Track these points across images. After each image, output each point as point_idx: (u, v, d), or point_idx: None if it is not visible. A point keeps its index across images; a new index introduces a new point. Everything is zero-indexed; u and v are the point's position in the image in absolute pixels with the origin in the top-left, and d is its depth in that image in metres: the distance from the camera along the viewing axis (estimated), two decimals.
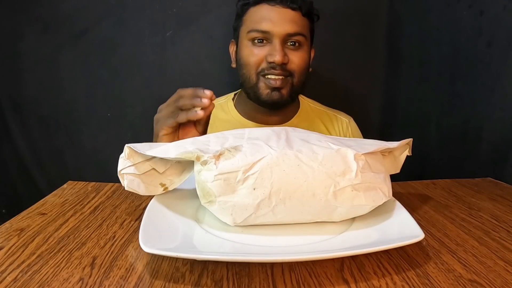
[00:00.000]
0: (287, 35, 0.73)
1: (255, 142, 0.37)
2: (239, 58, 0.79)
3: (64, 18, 0.98)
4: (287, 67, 0.74)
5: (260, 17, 0.74)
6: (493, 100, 0.70)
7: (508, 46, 0.66)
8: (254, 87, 0.77)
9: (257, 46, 0.75)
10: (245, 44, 0.76)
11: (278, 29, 0.73)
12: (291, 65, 0.75)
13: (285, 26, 0.73)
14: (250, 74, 0.76)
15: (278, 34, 0.73)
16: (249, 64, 0.75)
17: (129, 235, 0.38)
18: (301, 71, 0.76)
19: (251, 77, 0.76)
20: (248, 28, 0.76)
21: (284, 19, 0.73)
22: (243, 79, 0.78)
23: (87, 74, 1.01)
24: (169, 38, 1.01)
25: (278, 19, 0.73)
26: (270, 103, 0.77)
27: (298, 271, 0.32)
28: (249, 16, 0.77)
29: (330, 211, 0.37)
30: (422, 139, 0.92)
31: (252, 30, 0.74)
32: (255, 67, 0.75)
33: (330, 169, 0.35)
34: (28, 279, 0.31)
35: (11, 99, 1.02)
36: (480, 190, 0.54)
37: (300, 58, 0.76)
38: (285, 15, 0.73)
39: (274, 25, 0.73)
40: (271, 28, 0.73)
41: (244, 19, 0.78)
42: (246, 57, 0.76)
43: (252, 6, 0.76)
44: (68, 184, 0.53)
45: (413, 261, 0.34)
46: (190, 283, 0.31)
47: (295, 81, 0.76)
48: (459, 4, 0.79)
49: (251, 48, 0.75)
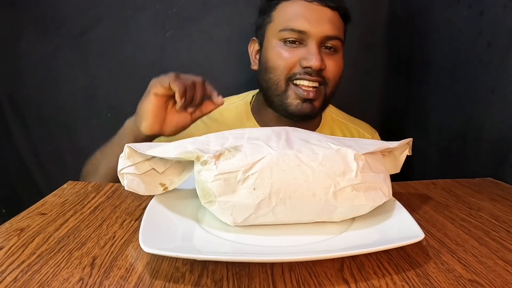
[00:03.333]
0: (325, 37, 0.64)
1: (255, 142, 0.37)
2: (264, 60, 0.69)
3: (64, 18, 0.98)
4: (322, 74, 0.66)
5: (294, 14, 0.65)
6: (493, 100, 0.70)
7: (508, 46, 0.66)
8: (281, 96, 0.67)
9: (289, 48, 0.65)
10: (274, 44, 0.67)
11: (316, 30, 0.63)
12: (327, 73, 0.66)
13: (324, 27, 0.64)
14: (278, 80, 0.66)
15: (316, 36, 0.64)
16: (279, 68, 0.66)
17: (129, 235, 0.38)
18: (336, 80, 0.68)
19: (279, 83, 0.67)
20: (279, 26, 0.66)
21: (322, 19, 0.64)
22: (269, 85, 0.68)
23: (87, 74, 1.01)
24: (169, 38, 1.01)
25: (316, 18, 0.64)
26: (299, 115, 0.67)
27: (298, 271, 0.32)
28: (280, 12, 0.67)
29: (330, 211, 0.37)
30: (422, 139, 0.92)
31: (285, 29, 0.65)
32: (286, 72, 0.66)
33: (330, 169, 0.35)
34: (28, 279, 0.31)
35: (11, 99, 1.02)
36: (480, 190, 0.54)
37: (337, 65, 0.67)
38: (324, 15, 0.65)
39: (312, 24, 0.63)
40: (308, 28, 0.63)
41: (273, 15, 0.68)
42: (275, 59, 0.66)
43: (285, 1, 0.67)
44: (68, 184, 0.53)
45: (413, 261, 0.34)
46: (190, 283, 0.31)
47: (328, 91, 0.68)
48: (459, 4, 0.79)
49: (281, 49, 0.66)
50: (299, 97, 0.66)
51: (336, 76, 0.68)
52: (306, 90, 0.65)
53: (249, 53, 0.75)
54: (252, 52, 0.75)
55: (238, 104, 0.78)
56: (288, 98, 0.67)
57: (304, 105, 0.67)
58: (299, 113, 0.67)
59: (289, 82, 0.67)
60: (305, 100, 0.66)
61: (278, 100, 0.68)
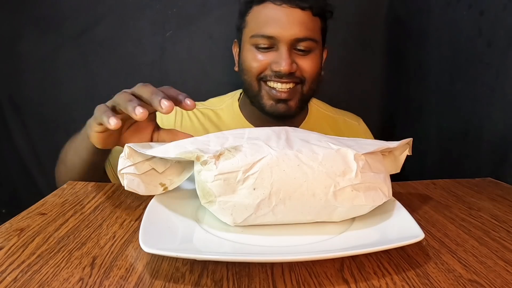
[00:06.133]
0: (296, 40, 0.65)
1: (255, 142, 0.37)
2: (241, 62, 0.71)
3: (64, 18, 0.98)
4: (295, 75, 0.67)
5: (264, 19, 0.66)
6: (493, 100, 0.70)
7: (508, 46, 0.66)
8: (257, 96, 0.69)
9: (261, 52, 0.67)
10: (248, 48, 0.69)
11: (286, 34, 0.64)
12: (301, 73, 0.67)
13: (293, 30, 0.64)
14: (251, 81, 0.69)
15: (285, 40, 0.64)
16: (251, 70, 0.68)
17: (129, 235, 0.38)
18: (312, 78, 0.69)
19: (252, 84, 0.69)
20: (251, 32, 0.67)
21: (292, 22, 0.64)
22: (246, 86, 0.71)
23: (87, 74, 1.01)
24: (169, 38, 1.01)
25: (285, 22, 0.64)
26: (275, 115, 0.69)
27: (298, 271, 0.32)
28: (252, 17, 0.68)
29: (330, 211, 0.37)
30: (422, 139, 0.92)
31: (256, 35, 0.66)
32: (257, 74, 0.67)
33: (330, 169, 0.35)
34: (28, 279, 0.31)
35: (11, 99, 1.02)
36: (480, 190, 0.54)
37: (311, 65, 0.68)
38: (294, 17, 0.64)
39: (281, 29, 0.64)
40: (277, 33, 0.64)
41: (247, 20, 0.70)
42: (248, 62, 0.68)
43: (256, 5, 0.67)
44: (68, 184, 0.53)
45: (413, 261, 0.34)
46: (190, 283, 0.31)
47: (305, 89, 0.69)
48: (459, 4, 0.79)
49: (254, 53, 0.67)
50: (273, 97, 0.67)
51: (312, 75, 0.69)
52: (280, 91, 0.67)
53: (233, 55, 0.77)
54: (235, 54, 0.76)
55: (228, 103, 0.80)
56: (262, 99, 0.69)
57: (279, 106, 0.68)
58: (274, 113, 0.69)
59: (261, 83, 0.68)
60: (279, 101, 0.68)
61: (256, 101, 0.70)
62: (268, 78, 0.67)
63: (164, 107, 0.40)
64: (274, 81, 0.67)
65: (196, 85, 1.03)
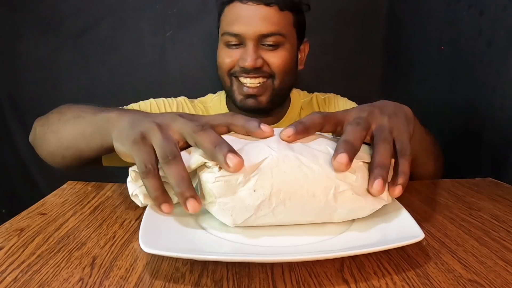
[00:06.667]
0: (261, 36, 0.67)
1: (256, 143, 0.37)
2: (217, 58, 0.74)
3: (64, 18, 0.98)
4: (263, 69, 0.69)
5: (232, 17, 0.69)
6: (493, 100, 0.70)
7: (508, 46, 0.66)
8: (230, 91, 0.73)
9: (231, 49, 0.70)
10: (221, 46, 0.72)
11: (250, 31, 0.66)
12: (270, 67, 0.69)
13: (258, 27, 0.66)
14: (223, 76, 0.72)
15: (250, 36, 0.67)
16: (222, 66, 0.71)
17: (129, 235, 0.38)
18: (282, 72, 0.70)
19: (225, 79, 0.72)
20: (222, 30, 0.71)
21: (257, 18, 0.66)
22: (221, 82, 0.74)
23: (87, 74, 1.02)
24: (169, 38, 1.01)
25: (250, 19, 0.66)
26: (246, 109, 0.71)
27: (298, 271, 0.32)
28: (224, 17, 0.71)
29: (330, 212, 0.36)
30: None
31: (225, 33, 0.69)
32: (227, 70, 0.71)
33: (331, 172, 0.35)
34: (28, 279, 0.31)
35: (11, 99, 1.02)
36: (480, 190, 0.54)
37: (280, 59, 0.69)
38: (258, 13, 0.66)
39: (246, 26, 0.66)
40: (242, 30, 0.67)
41: (221, 20, 0.73)
42: (220, 58, 0.72)
43: (227, 5, 0.70)
44: (68, 184, 0.53)
45: (413, 261, 0.34)
46: (190, 283, 0.31)
47: (276, 84, 0.71)
48: (459, 4, 0.79)
49: (225, 50, 0.71)
50: (242, 93, 0.70)
51: (282, 69, 0.70)
52: (249, 87, 0.69)
53: None
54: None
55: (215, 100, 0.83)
56: (234, 93, 0.72)
57: (248, 101, 0.70)
58: (244, 107, 0.71)
59: (232, 78, 0.71)
60: (249, 96, 0.70)
61: (230, 95, 0.73)
62: (237, 74, 0.70)
63: (232, 165, 0.32)
64: (244, 77, 0.69)
65: (196, 85, 1.03)
